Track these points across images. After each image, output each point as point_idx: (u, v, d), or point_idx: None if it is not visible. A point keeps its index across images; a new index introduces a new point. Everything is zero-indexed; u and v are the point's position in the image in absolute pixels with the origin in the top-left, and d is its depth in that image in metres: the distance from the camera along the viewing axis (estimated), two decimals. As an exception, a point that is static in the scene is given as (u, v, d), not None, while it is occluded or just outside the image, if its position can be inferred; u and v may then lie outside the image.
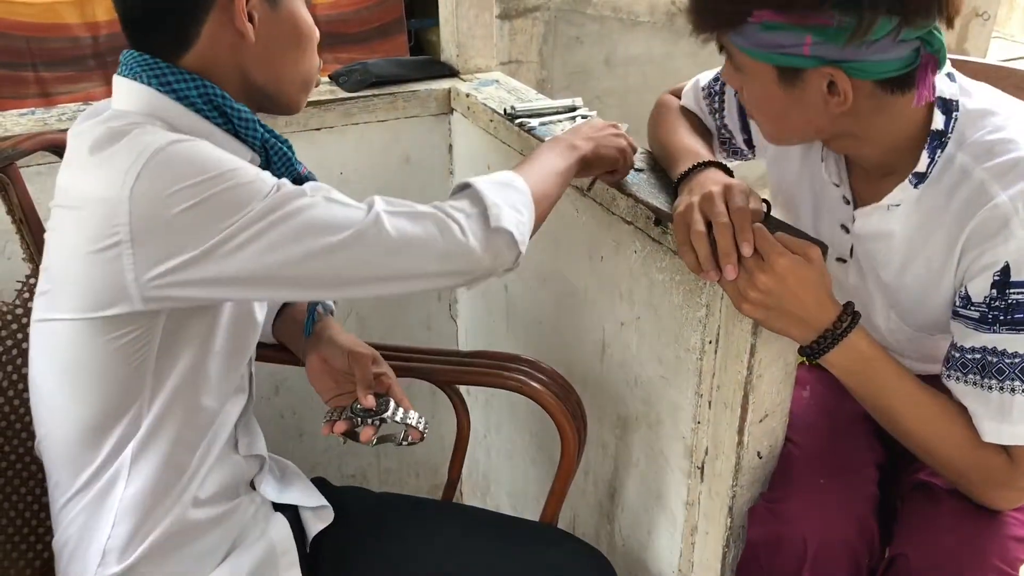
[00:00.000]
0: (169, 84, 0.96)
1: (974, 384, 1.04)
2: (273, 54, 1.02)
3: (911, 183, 1.09)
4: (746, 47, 1.03)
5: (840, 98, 1.02)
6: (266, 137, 1.03)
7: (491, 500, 2.05)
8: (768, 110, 1.10)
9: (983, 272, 1.01)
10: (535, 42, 3.58)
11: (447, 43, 1.82)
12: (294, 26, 1.03)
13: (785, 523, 1.12)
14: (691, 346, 1.22)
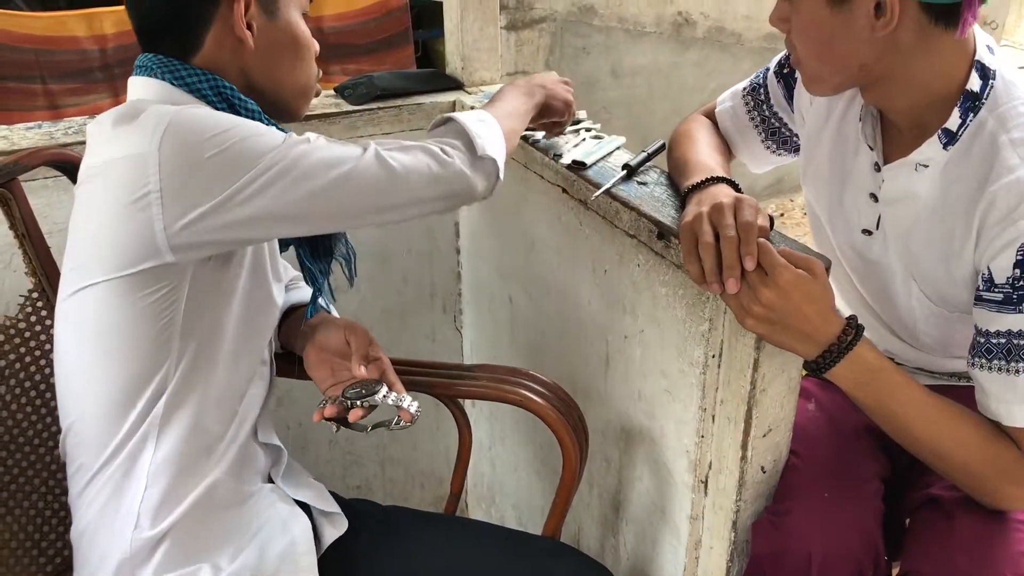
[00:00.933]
0: (182, 78, 1.05)
1: (999, 370, 1.04)
2: (272, 61, 1.10)
3: (940, 141, 1.09)
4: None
5: (885, 19, 1.02)
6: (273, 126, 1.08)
7: (496, 512, 2.04)
8: (815, 38, 1.09)
9: (1005, 250, 1.02)
10: (541, 53, 3.59)
11: (452, 56, 1.83)
12: (291, 36, 1.11)
13: (789, 537, 1.12)
14: (694, 360, 1.22)
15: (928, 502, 1.17)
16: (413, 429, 2.06)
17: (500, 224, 1.71)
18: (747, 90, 1.42)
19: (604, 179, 1.32)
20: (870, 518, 1.15)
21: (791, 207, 4.19)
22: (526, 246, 1.62)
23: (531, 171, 1.51)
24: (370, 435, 1.20)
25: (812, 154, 1.32)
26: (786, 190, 4.18)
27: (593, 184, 1.33)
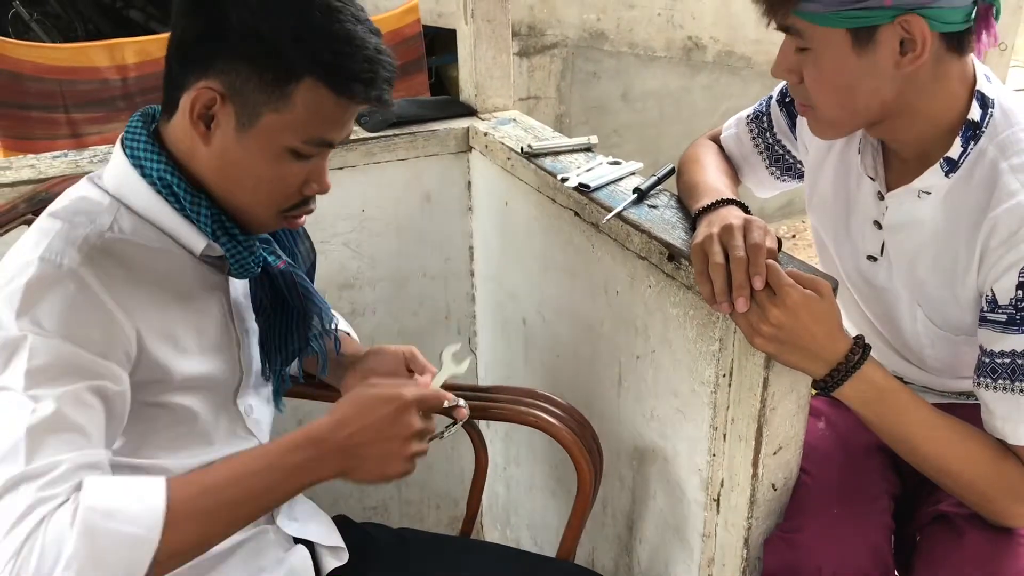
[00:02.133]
0: (138, 159, 1.02)
1: (1004, 389, 1.05)
2: (225, 171, 1.02)
3: (942, 168, 1.11)
4: (820, 12, 1.02)
5: (914, 54, 1.03)
6: (219, 230, 1.04)
7: (511, 533, 2.06)
8: (838, 84, 1.08)
9: (1007, 272, 1.03)
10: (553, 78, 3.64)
11: (466, 83, 1.87)
12: (254, 164, 1.01)
13: (800, 553, 1.13)
14: (705, 379, 1.24)
15: (938, 518, 1.18)
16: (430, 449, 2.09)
17: (513, 247, 1.74)
18: (751, 117, 1.44)
19: (615, 203, 1.35)
20: (880, 534, 1.17)
21: (802, 228, 4.21)
22: (539, 269, 1.65)
23: (543, 195, 1.54)
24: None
25: (816, 182, 1.35)
26: (797, 212, 4.20)
27: (605, 207, 1.36)
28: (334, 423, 0.97)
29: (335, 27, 0.96)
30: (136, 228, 1.03)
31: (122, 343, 0.97)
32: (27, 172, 1.50)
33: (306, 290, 1.19)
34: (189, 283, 1.08)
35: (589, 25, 3.65)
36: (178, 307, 1.06)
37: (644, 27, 3.68)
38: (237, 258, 1.07)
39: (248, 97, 0.97)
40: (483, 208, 1.84)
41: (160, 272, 1.04)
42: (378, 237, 1.82)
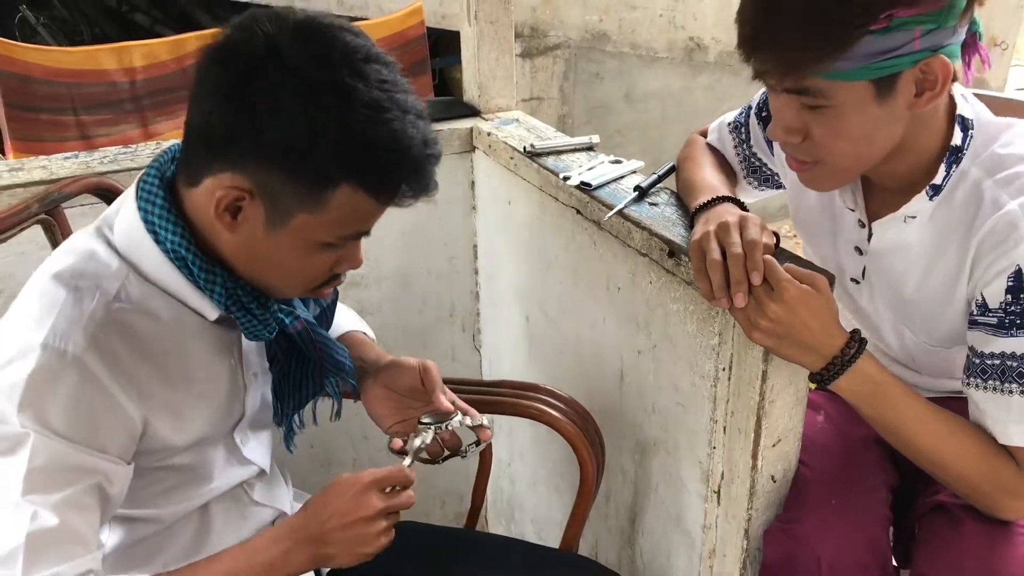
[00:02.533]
0: (152, 225, 0.97)
1: (994, 390, 1.07)
2: (254, 263, 1.00)
3: (927, 194, 1.12)
4: (846, 70, 0.99)
5: (931, 93, 1.02)
6: (234, 305, 1.02)
7: (516, 528, 2.08)
8: (857, 136, 1.05)
9: (997, 278, 1.05)
10: (556, 79, 3.66)
11: (469, 84, 1.89)
12: (283, 259, 0.99)
13: (799, 543, 1.15)
14: (705, 373, 1.27)
15: (936, 509, 1.20)
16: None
17: (517, 245, 1.77)
18: (731, 126, 1.44)
19: (616, 201, 1.38)
20: (877, 525, 1.19)
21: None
22: (542, 266, 1.67)
23: (546, 193, 1.57)
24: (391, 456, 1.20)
25: (800, 201, 1.36)
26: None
27: (606, 205, 1.38)
28: (305, 515, 1.00)
29: (379, 131, 0.90)
30: (145, 296, 0.99)
31: (126, 430, 0.96)
32: (39, 173, 1.52)
33: (324, 344, 1.16)
34: (198, 347, 1.05)
35: (591, 26, 3.67)
36: (186, 376, 1.04)
37: (646, 28, 3.70)
38: (251, 330, 1.05)
39: (279, 199, 0.93)
40: (487, 207, 1.87)
41: (168, 342, 1.01)
42: (383, 236, 1.84)
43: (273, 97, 0.88)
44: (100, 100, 2.53)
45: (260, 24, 0.91)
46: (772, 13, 0.99)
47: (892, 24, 0.95)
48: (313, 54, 0.89)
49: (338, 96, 0.89)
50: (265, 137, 0.89)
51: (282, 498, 1.27)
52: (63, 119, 2.48)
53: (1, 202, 1.43)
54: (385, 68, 0.92)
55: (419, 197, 0.97)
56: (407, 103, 0.93)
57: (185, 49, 2.65)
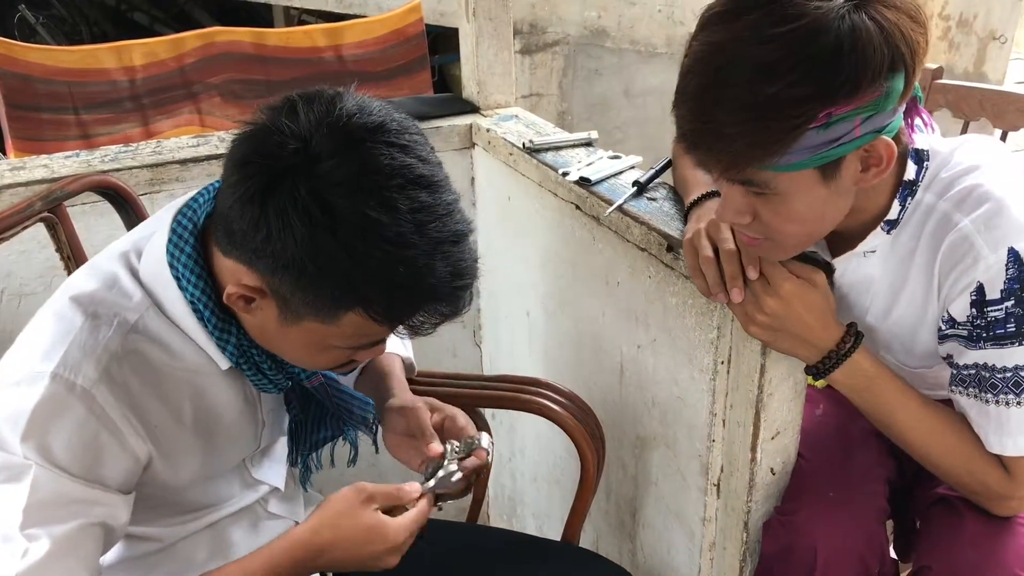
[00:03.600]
0: (177, 271, 0.95)
1: (975, 397, 1.08)
2: (268, 340, 0.98)
3: (883, 230, 1.10)
4: (790, 163, 0.95)
5: (878, 169, 0.99)
6: (243, 359, 1.00)
7: (517, 523, 2.09)
8: (805, 218, 1.02)
9: (961, 295, 1.05)
10: (555, 75, 3.67)
11: (468, 80, 1.90)
12: (298, 349, 0.97)
13: (796, 534, 1.16)
14: (704, 367, 1.27)
15: (937, 501, 1.20)
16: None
17: (516, 241, 1.77)
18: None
19: (615, 196, 1.38)
20: (874, 518, 1.20)
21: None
22: (542, 261, 1.68)
23: (545, 189, 1.57)
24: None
25: None
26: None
27: (605, 200, 1.39)
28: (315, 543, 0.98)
29: (397, 269, 0.85)
30: (163, 331, 0.96)
31: (130, 464, 0.95)
32: (40, 172, 1.53)
33: (342, 399, 1.14)
34: (213, 385, 1.03)
35: (590, 22, 3.68)
36: (199, 414, 1.02)
37: (645, 24, 3.71)
38: (260, 385, 1.05)
39: (290, 303, 0.90)
40: (486, 203, 1.87)
41: (181, 378, 0.99)
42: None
43: (287, 216, 0.83)
44: (100, 99, 2.55)
45: (294, 121, 0.86)
46: (708, 113, 0.95)
47: (831, 120, 0.92)
48: (343, 175, 0.84)
49: (357, 229, 0.83)
50: (275, 250, 0.85)
51: (298, 508, 1.26)
52: (64, 118, 2.49)
53: (3, 201, 1.44)
54: (426, 192, 0.86)
55: (442, 323, 0.93)
56: (443, 231, 0.87)
57: (184, 48, 2.66)
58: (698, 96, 0.96)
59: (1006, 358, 1.04)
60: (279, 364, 1.02)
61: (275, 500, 1.21)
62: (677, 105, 0.99)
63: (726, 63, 0.93)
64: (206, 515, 1.12)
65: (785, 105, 0.91)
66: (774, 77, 0.90)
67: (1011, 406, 1.04)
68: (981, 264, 1.02)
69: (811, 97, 0.91)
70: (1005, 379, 1.04)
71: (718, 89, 0.93)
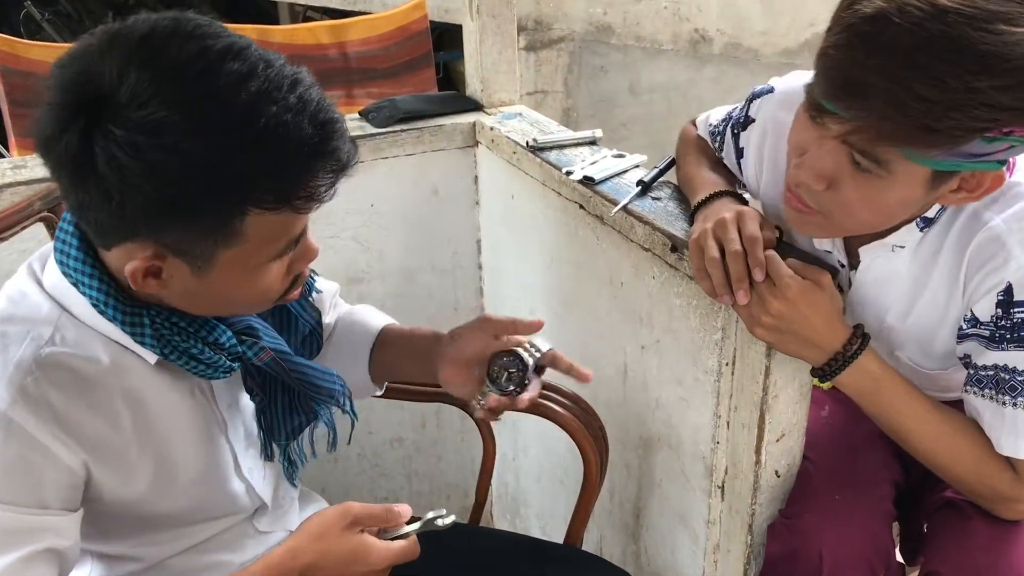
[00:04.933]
0: (71, 277, 0.91)
1: (991, 399, 1.07)
2: (200, 302, 0.92)
3: (918, 226, 1.08)
4: (929, 157, 0.92)
5: (969, 194, 0.98)
6: (167, 348, 0.94)
7: (520, 523, 2.08)
8: (887, 211, 1.01)
9: (987, 294, 1.04)
10: (560, 72, 3.65)
11: (472, 78, 1.89)
12: (224, 293, 0.91)
13: (801, 538, 1.15)
14: (709, 368, 1.26)
15: (945, 505, 1.19)
16: (439, 440, 2.10)
17: (520, 240, 1.76)
18: (711, 128, 1.38)
19: (619, 195, 1.37)
20: (880, 521, 1.19)
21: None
22: (545, 261, 1.67)
23: (549, 188, 1.56)
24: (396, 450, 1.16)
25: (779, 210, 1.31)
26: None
27: (609, 200, 1.38)
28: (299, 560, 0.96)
29: (256, 149, 0.80)
30: (81, 340, 0.91)
31: (67, 480, 0.90)
32: (41, 170, 1.49)
33: (302, 372, 1.06)
34: (151, 387, 0.97)
35: (596, 19, 3.66)
36: (136, 416, 0.96)
37: (651, 20, 3.68)
38: (199, 372, 0.97)
39: (192, 248, 0.85)
40: (490, 202, 1.86)
41: (113, 385, 0.93)
42: (387, 231, 1.84)
43: (117, 162, 0.78)
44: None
45: (62, 84, 0.80)
46: (897, 73, 0.87)
47: (998, 137, 0.89)
48: (146, 91, 0.78)
49: (191, 133, 0.78)
50: (134, 206, 0.80)
51: (291, 519, 1.22)
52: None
53: (4, 200, 1.43)
54: (236, 61, 0.80)
55: (340, 178, 0.87)
56: (275, 85, 0.80)
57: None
58: (891, 50, 0.88)
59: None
60: (216, 344, 0.96)
61: (265, 516, 1.16)
62: (848, 46, 0.90)
63: (940, 31, 0.86)
64: (189, 534, 1.07)
65: (985, 105, 0.87)
66: (986, 72, 0.86)
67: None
68: (1012, 264, 1.01)
69: (1012, 109, 0.88)
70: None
71: (921, 53, 0.86)
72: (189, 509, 1.05)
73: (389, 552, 0.99)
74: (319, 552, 0.96)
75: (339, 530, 0.97)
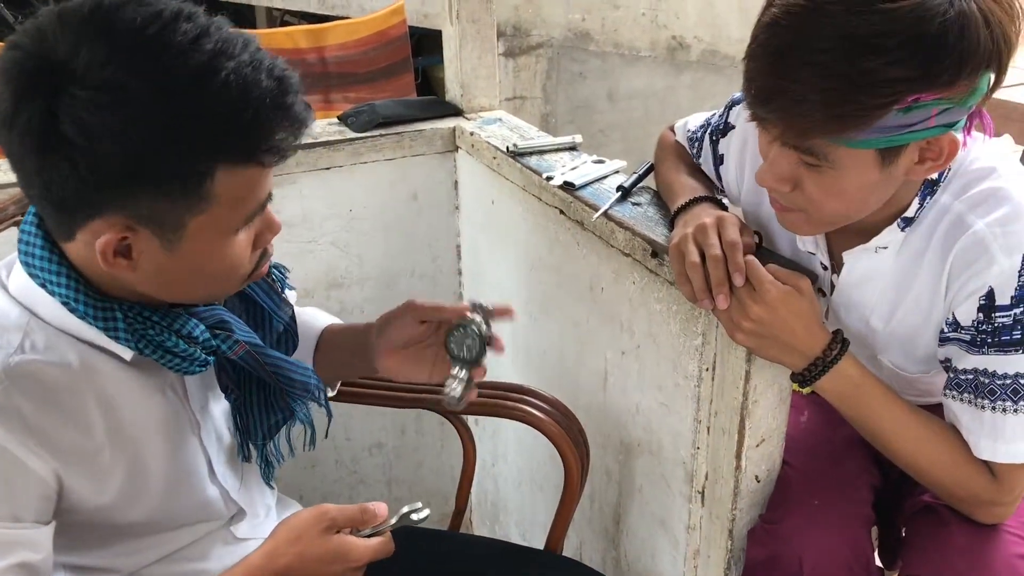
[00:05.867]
0: (37, 277, 0.90)
1: (969, 403, 1.07)
2: (171, 283, 0.91)
3: (899, 226, 1.10)
4: (858, 140, 0.95)
5: (934, 163, 0.99)
6: (141, 341, 0.93)
7: (500, 529, 2.08)
8: (851, 198, 1.03)
9: (969, 298, 1.05)
10: (539, 78, 3.66)
11: (451, 83, 1.88)
12: (196, 267, 0.90)
13: (781, 542, 1.15)
14: (689, 373, 1.26)
15: (923, 510, 1.20)
16: (419, 447, 2.09)
17: (500, 246, 1.76)
18: (690, 135, 1.41)
19: (600, 201, 1.37)
20: (859, 525, 1.19)
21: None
22: (525, 266, 1.67)
23: (529, 193, 1.56)
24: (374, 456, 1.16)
25: (758, 214, 1.31)
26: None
27: (589, 205, 1.38)
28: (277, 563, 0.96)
29: (218, 100, 0.81)
30: (51, 344, 0.90)
31: (40, 491, 0.89)
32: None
33: (277, 365, 1.05)
34: (125, 391, 0.96)
35: (574, 25, 3.67)
36: (110, 420, 0.95)
37: (629, 27, 3.70)
38: (174, 366, 0.96)
39: (162, 217, 0.85)
40: (470, 207, 1.86)
41: (85, 390, 0.92)
42: (366, 237, 1.83)
43: (83, 123, 0.78)
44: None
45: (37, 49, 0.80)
46: (795, 72, 0.93)
47: (914, 105, 0.92)
48: (105, 55, 0.78)
49: (152, 87, 0.79)
50: (103, 169, 0.80)
51: (269, 526, 1.18)
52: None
53: (-23, 204, 1.41)
54: (188, 23, 0.81)
55: (300, 133, 0.87)
56: (230, 43, 0.82)
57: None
58: (785, 53, 0.94)
59: (1008, 365, 1.03)
60: (189, 337, 0.95)
61: (243, 523, 1.15)
62: (756, 57, 0.98)
63: (824, 25, 0.91)
64: (164, 542, 1.06)
65: (880, 82, 0.90)
66: (875, 52, 0.90)
67: (1008, 413, 1.04)
68: (995, 268, 1.02)
69: (908, 79, 0.90)
70: (1004, 386, 1.04)
71: (810, 50, 0.92)
72: (163, 515, 1.04)
73: (367, 550, 0.99)
74: (297, 554, 0.96)
75: (316, 532, 0.97)
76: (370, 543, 1.00)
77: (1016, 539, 1.12)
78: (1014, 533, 1.12)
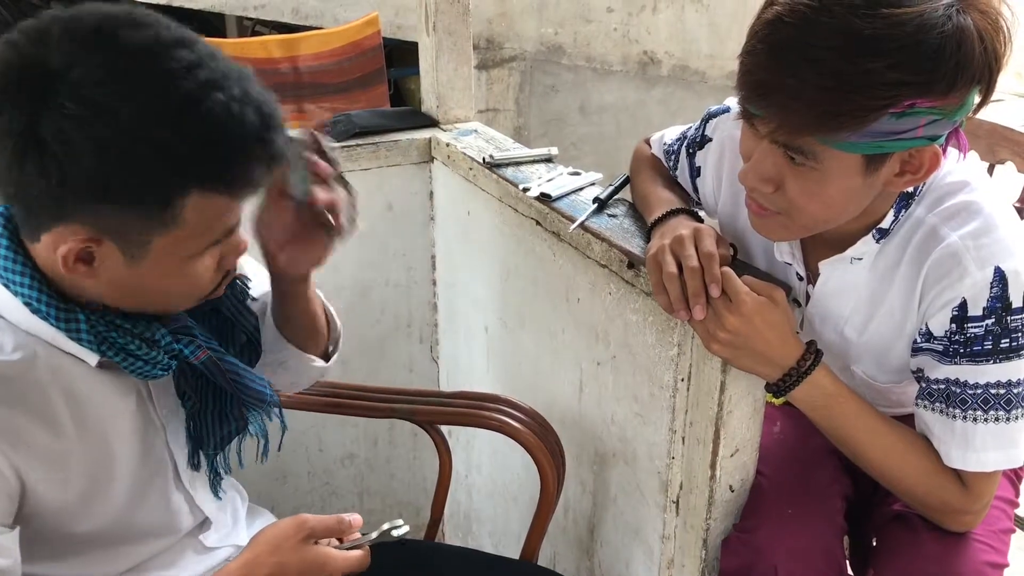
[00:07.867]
0: (3, 278, 0.90)
1: (940, 412, 1.09)
2: (129, 295, 0.92)
3: (874, 238, 1.11)
4: (848, 142, 0.96)
5: (913, 176, 1.01)
6: (105, 345, 0.93)
7: (473, 540, 2.07)
8: (832, 202, 1.04)
9: (943, 309, 1.07)
10: (512, 91, 3.67)
11: (427, 94, 1.89)
12: (155, 285, 0.91)
13: (756, 552, 1.16)
14: (664, 384, 1.27)
15: (894, 518, 1.21)
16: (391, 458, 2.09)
17: (475, 256, 1.77)
18: (666, 148, 1.42)
19: (576, 212, 1.38)
20: (832, 534, 1.21)
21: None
22: (501, 277, 1.67)
23: (505, 204, 1.57)
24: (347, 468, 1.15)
25: (735, 226, 1.31)
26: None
27: (566, 217, 1.39)
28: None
29: (204, 127, 0.82)
30: (19, 344, 0.90)
31: (3, 492, 0.88)
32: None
33: (237, 373, 1.05)
34: (93, 392, 0.96)
35: (547, 39, 3.69)
36: (77, 419, 0.94)
37: (601, 41, 3.73)
38: (137, 370, 0.96)
39: (127, 233, 0.85)
40: (445, 218, 1.86)
41: (52, 391, 0.92)
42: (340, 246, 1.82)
43: (65, 135, 0.78)
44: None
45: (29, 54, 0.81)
46: (794, 68, 0.94)
47: (907, 112, 0.94)
48: (100, 74, 0.79)
49: (139, 110, 0.80)
50: (77, 181, 0.80)
51: (239, 534, 1.20)
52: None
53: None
54: (187, 50, 0.82)
55: (274, 168, 0.89)
56: (223, 75, 0.83)
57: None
58: (787, 48, 0.95)
59: (979, 375, 1.05)
60: (152, 341, 0.95)
61: (211, 531, 1.14)
62: (755, 52, 0.98)
63: (827, 24, 0.93)
64: (131, 553, 1.05)
65: (879, 84, 0.92)
66: (876, 53, 0.91)
67: (978, 422, 1.06)
68: (967, 280, 1.04)
69: (906, 84, 0.92)
70: (975, 395, 1.06)
71: (812, 48, 0.93)
72: (127, 520, 1.03)
73: (346, 562, 0.99)
74: (276, 565, 0.95)
75: (295, 543, 0.97)
76: (348, 555, 1.00)
77: (984, 547, 1.14)
78: (982, 541, 1.14)
